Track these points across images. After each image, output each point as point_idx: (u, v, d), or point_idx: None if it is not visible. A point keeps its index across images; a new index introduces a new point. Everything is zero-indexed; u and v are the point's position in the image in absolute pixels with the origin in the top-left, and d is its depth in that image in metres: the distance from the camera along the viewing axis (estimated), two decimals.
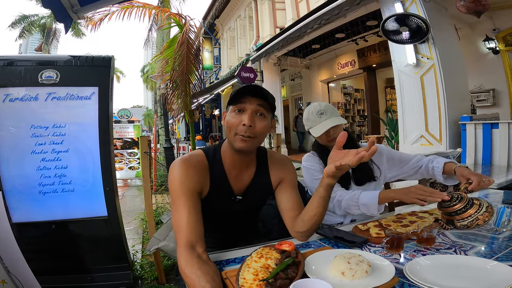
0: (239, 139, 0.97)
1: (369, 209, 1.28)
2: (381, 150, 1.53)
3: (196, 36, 3.58)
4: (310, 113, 1.44)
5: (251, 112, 0.97)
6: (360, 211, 1.31)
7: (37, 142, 1.94)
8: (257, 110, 0.98)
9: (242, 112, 0.98)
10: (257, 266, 0.82)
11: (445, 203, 1.08)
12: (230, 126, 0.98)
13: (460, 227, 1.05)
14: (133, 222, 3.92)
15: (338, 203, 1.35)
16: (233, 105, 1.00)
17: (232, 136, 0.99)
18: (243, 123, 0.95)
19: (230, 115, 0.99)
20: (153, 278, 2.26)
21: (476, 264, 0.84)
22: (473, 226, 1.04)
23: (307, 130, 1.50)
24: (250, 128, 0.96)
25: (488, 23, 4.85)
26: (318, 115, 1.41)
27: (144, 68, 27.01)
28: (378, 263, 0.84)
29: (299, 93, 11.19)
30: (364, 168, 1.46)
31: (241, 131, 0.96)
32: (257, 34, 9.82)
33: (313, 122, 1.43)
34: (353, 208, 1.32)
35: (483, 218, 1.03)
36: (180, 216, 0.92)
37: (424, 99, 4.17)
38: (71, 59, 1.99)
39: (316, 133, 1.41)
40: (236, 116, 0.98)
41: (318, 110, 1.43)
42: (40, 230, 1.96)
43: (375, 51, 7.71)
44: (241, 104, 0.98)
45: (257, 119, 0.98)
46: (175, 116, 4.00)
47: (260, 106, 0.98)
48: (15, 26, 14.91)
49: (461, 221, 1.04)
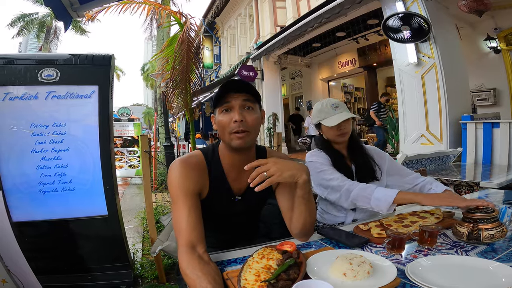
0: (235, 137, 0.97)
1: (380, 204, 1.24)
2: (384, 156, 1.54)
3: (196, 35, 3.57)
4: (324, 106, 1.46)
5: (239, 107, 0.97)
6: (370, 205, 1.27)
7: (37, 141, 1.93)
8: (244, 105, 0.98)
9: (230, 111, 0.98)
10: (258, 267, 0.81)
11: (480, 209, 1.03)
12: (222, 126, 0.98)
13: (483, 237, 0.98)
14: (133, 220, 3.92)
15: (347, 193, 1.32)
16: (219, 106, 0.99)
17: (226, 136, 0.98)
18: (234, 119, 0.95)
19: (219, 116, 0.99)
20: (153, 277, 2.26)
21: (478, 265, 0.83)
22: (497, 237, 0.98)
23: (316, 123, 1.49)
24: (242, 122, 0.96)
25: (490, 23, 4.84)
26: (333, 108, 1.44)
27: (145, 67, 26.98)
28: (379, 264, 0.83)
29: (299, 91, 11.19)
30: (368, 168, 1.46)
31: (234, 127, 0.96)
32: (257, 32, 9.79)
33: (327, 113, 1.44)
34: (363, 200, 1.29)
35: (506, 231, 1.00)
36: (180, 216, 0.92)
37: (425, 98, 4.17)
38: (71, 57, 1.98)
39: (331, 123, 1.41)
40: (225, 115, 0.98)
41: (333, 103, 1.46)
42: (40, 229, 1.96)
43: (376, 49, 7.70)
44: (227, 103, 0.97)
45: (246, 113, 0.98)
46: (175, 114, 4.00)
47: (246, 101, 0.98)
48: (14, 25, 14.88)
49: (489, 230, 0.98)
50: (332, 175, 1.37)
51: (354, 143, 1.51)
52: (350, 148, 1.50)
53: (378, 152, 1.56)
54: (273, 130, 8.19)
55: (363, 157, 1.48)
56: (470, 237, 0.99)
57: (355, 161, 1.48)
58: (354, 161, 1.48)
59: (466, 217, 1.03)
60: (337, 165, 1.43)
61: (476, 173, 3.03)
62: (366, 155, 1.50)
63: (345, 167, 1.44)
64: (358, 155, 1.49)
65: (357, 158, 1.48)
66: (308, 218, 1.01)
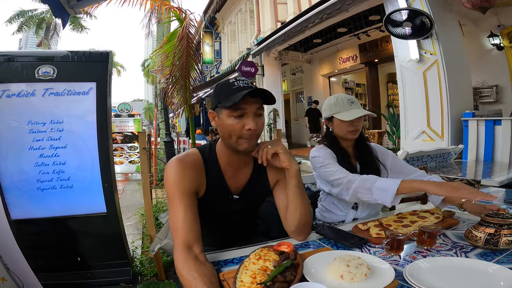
0: (244, 141, 0.96)
1: (383, 194, 1.15)
2: (387, 153, 1.53)
3: (196, 31, 3.53)
4: (340, 100, 1.44)
5: (253, 115, 0.95)
6: (372, 198, 1.19)
7: (34, 138, 1.92)
8: (257, 113, 0.97)
9: (243, 117, 0.95)
10: (255, 268, 0.81)
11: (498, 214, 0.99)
12: (231, 131, 0.95)
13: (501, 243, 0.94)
14: (133, 217, 3.92)
15: (348, 184, 1.27)
16: (230, 109, 0.94)
17: (234, 139, 0.96)
18: (248, 127, 0.94)
19: (228, 120, 0.95)
20: (152, 275, 2.26)
21: (478, 267, 0.83)
22: None
23: (329, 116, 1.46)
24: (255, 130, 0.95)
25: (493, 19, 4.80)
26: (348, 102, 1.42)
27: (145, 62, 26.89)
28: (377, 266, 0.82)
29: (300, 87, 11.15)
30: (373, 168, 1.45)
31: (246, 135, 0.95)
32: (258, 28, 9.72)
33: (342, 107, 1.42)
34: (364, 192, 1.22)
35: None
36: (176, 216, 0.91)
37: (426, 95, 4.14)
38: (68, 54, 1.96)
39: (347, 117, 1.39)
40: (237, 121, 0.95)
41: (349, 98, 1.44)
42: (39, 227, 1.96)
43: (377, 46, 7.64)
44: (242, 110, 0.94)
45: (258, 119, 0.97)
46: (175, 110, 3.98)
47: (259, 109, 0.97)
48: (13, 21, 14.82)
49: (508, 236, 0.94)
50: (333, 168, 1.35)
51: (361, 141, 1.49)
52: (357, 146, 1.49)
53: (382, 150, 1.55)
54: (273, 126, 8.16)
55: (369, 157, 1.47)
56: (487, 242, 0.95)
57: (361, 160, 1.46)
58: (360, 160, 1.47)
59: (485, 221, 0.99)
60: (342, 163, 1.41)
61: (477, 170, 3.01)
62: (372, 154, 1.49)
63: (349, 166, 1.43)
64: (364, 154, 1.47)
65: (363, 157, 1.47)
66: (303, 212, 1.01)
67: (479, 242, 0.96)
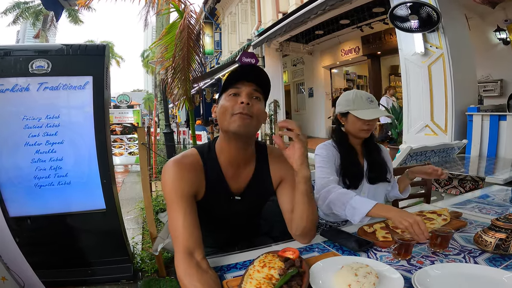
0: (237, 118, 0.91)
1: (354, 214, 1.14)
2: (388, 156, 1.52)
3: (196, 21, 3.44)
4: (358, 97, 1.39)
5: (247, 93, 0.94)
6: (344, 213, 1.18)
7: (30, 134, 1.87)
8: (252, 93, 0.95)
9: (238, 95, 0.94)
10: (259, 277, 0.78)
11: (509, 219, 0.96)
12: (225, 109, 0.93)
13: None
14: (133, 211, 3.91)
15: (326, 194, 1.24)
16: (226, 91, 0.96)
17: (227, 118, 0.92)
18: (241, 101, 0.92)
19: (223, 101, 0.95)
20: (153, 271, 2.25)
21: (490, 275, 0.80)
22: None
23: (344, 111, 1.41)
24: (248, 106, 0.91)
25: (500, 14, 4.73)
26: (368, 101, 1.39)
27: (144, 53, 26.62)
28: (387, 275, 0.79)
29: (301, 78, 11.05)
30: (382, 169, 1.43)
31: (239, 109, 0.91)
32: (259, 19, 9.55)
33: (360, 105, 1.38)
34: (338, 206, 1.20)
35: None
36: (175, 221, 0.88)
37: (430, 89, 4.09)
38: (63, 47, 1.89)
39: (365, 115, 1.35)
40: (231, 99, 0.94)
41: (368, 96, 1.40)
42: (38, 224, 1.93)
43: (381, 38, 7.53)
44: (237, 88, 0.94)
45: (254, 100, 0.94)
46: (174, 101, 3.91)
47: (255, 91, 0.96)
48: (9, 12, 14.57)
49: None
50: (324, 173, 1.32)
51: (371, 141, 1.46)
52: (366, 145, 1.45)
53: (384, 150, 1.53)
54: (274, 117, 8.10)
55: (378, 157, 1.45)
56: (498, 248, 0.93)
57: (370, 160, 1.43)
58: (369, 159, 1.43)
59: (495, 226, 0.97)
60: (348, 161, 1.39)
61: (481, 166, 2.98)
62: (381, 155, 1.47)
63: (356, 164, 1.40)
64: (373, 154, 1.44)
65: (371, 157, 1.43)
66: (310, 216, 0.97)
67: (489, 247, 0.94)
